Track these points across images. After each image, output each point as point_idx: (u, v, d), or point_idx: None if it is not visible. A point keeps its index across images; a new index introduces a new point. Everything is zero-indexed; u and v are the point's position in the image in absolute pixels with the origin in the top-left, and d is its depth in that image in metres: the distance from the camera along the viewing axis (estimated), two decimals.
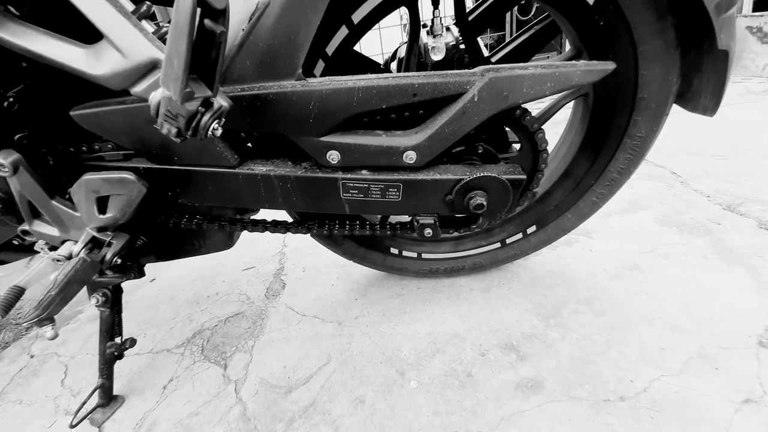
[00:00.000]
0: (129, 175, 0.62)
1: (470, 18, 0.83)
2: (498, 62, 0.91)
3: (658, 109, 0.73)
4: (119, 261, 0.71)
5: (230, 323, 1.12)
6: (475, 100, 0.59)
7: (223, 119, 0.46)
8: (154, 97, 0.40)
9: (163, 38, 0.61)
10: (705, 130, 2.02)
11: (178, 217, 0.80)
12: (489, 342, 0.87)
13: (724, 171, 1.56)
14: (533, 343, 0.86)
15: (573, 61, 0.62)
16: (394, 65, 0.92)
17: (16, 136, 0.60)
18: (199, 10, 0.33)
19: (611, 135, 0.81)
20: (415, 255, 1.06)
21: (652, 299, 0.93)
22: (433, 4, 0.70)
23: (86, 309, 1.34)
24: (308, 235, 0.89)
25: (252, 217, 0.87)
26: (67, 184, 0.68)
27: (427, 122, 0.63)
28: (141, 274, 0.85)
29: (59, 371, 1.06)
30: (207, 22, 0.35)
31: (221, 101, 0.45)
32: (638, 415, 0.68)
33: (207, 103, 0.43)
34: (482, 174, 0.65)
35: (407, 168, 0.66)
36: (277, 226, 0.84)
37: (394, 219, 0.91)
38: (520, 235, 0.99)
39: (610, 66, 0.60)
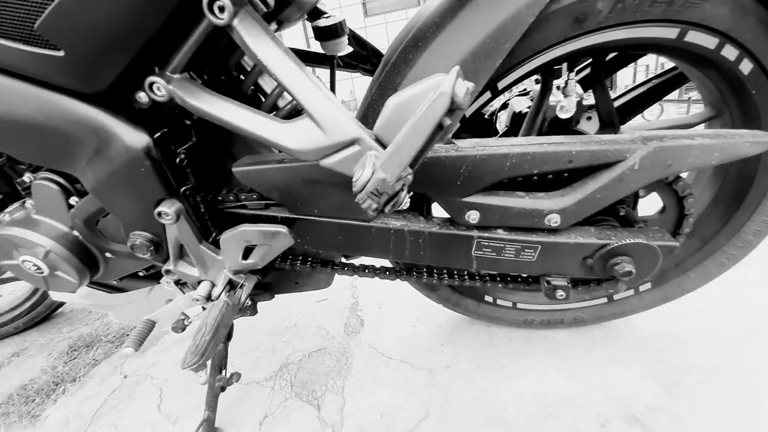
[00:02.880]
0: (283, 229, 0.65)
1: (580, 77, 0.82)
2: (619, 109, 0.89)
3: None
4: (250, 302, 0.74)
5: (314, 359, 1.13)
6: (635, 168, 0.57)
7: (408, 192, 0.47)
8: (363, 175, 0.42)
9: None
10: None
11: (294, 259, 0.83)
12: (607, 411, 0.81)
13: None
14: (658, 415, 0.79)
15: (738, 131, 0.59)
16: (502, 118, 0.93)
17: (182, 188, 0.65)
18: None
19: (750, 196, 0.75)
20: (509, 304, 1.03)
21: None
22: (569, 68, 0.70)
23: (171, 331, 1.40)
24: None
25: (360, 262, 0.88)
26: (212, 229, 0.73)
27: (575, 186, 0.62)
28: (254, 311, 0.88)
29: (154, 395, 1.10)
30: (445, 119, 0.37)
31: (409, 176, 0.47)
32: None
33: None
34: (631, 240, 0.62)
35: (547, 230, 0.65)
36: (387, 273, 0.85)
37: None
38: (631, 292, 0.93)
39: None
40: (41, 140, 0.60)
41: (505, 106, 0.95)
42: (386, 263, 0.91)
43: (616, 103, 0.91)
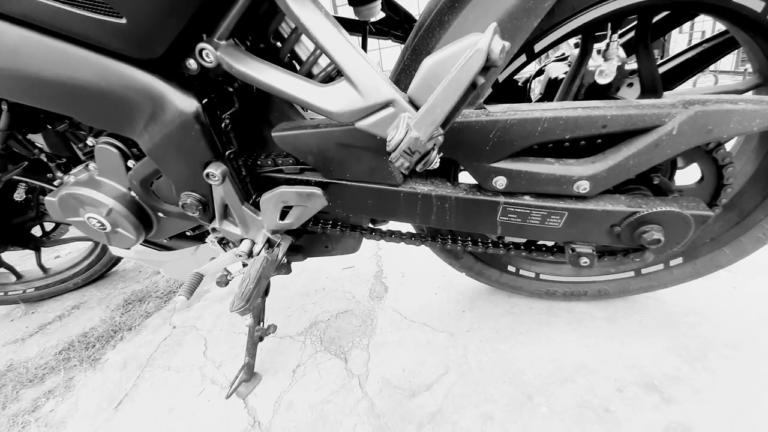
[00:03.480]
0: (317, 191, 0.69)
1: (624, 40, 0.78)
2: (665, 75, 0.85)
3: None
4: (285, 260, 0.80)
5: (341, 319, 1.20)
6: (674, 133, 0.56)
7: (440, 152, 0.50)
8: (398, 134, 0.45)
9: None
10: None
11: (325, 222, 0.88)
12: (625, 378, 0.83)
13: None
14: (678, 386, 0.80)
15: None
16: (536, 85, 0.91)
17: (227, 152, 0.70)
18: None
19: None
20: (533, 275, 1.04)
21: None
22: (612, 29, 0.68)
23: (212, 289, 1.53)
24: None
25: (387, 227, 0.92)
26: (252, 191, 0.78)
27: (608, 152, 0.61)
28: (289, 270, 0.95)
29: (200, 343, 1.23)
30: (479, 77, 0.38)
31: (439, 136, 0.49)
32: None
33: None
34: (662, 208, 0.62)
35: (575, 197, 0.65)
36: (412, 238, 0.88)
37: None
38: (661, 266, 0.92)
39: None
40: (103, 105, 0.66)
41: (540, 72, 0.92)
42: (412, 229, 0.95)
43: (662, 69, 0.87)
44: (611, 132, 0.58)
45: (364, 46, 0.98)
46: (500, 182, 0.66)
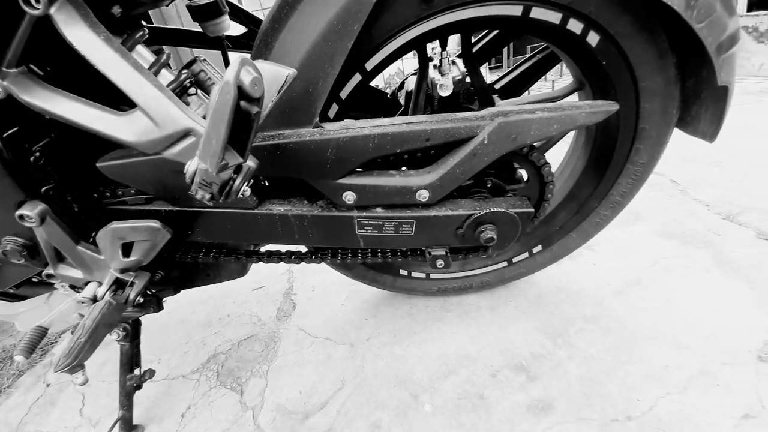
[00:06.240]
0: (155, 224, 0.64)
1: (473, 50, 0.85)
2: (502, 89, 0.94)
3: (659, 139, 0.76)
4: (141, 299, 0.73)
5: (243, 346, 1.14)
6: (485, 143, 0.62)
7: (251, 179, 0.48)
8: (190, 167, 0.42)
9: (183, 87, 0.64)
10: None
11: (196, 251, 0.82)
12: (499, 362, 0.90)
13: (723, 178, 1.60)
14: (542, 363, 0.89)
15: (578, 102, 0.65)
16: (403, 96, 0.95)
17: (43, 188, 0.62)
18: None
19: (614, 161, 0.83)
20: (423, 275, 1.09)
21: (656, 315, 0.97)
22: (441, 46, 0.73)
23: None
24: None
25: (266, 249, 0.89)
26: (92, 228, 0.70)
27: (439, 163, 0.66)
28: (159, 307, 0.87)
29: (77, 400, 1.08)
30: (243, 104, 0.37)
31: (250, 163, 0.47)
32: None
33: (238, 168, 0.45)
34: (492, 209, 0.68)
35: (420, 205, 0.69)
36: (291, 257, 0.87)
37: None
38: (526, 254, 1.02)
39: (613, 107, 0.63)
40: None
41: (402, 86, 0.96)
42: (292, 247, 0.93)
43: (507, 79, 0.96)
44: (435, 144, 0.62)
45: (227, 64, 0.93)
46: (349, 197, 0.67)
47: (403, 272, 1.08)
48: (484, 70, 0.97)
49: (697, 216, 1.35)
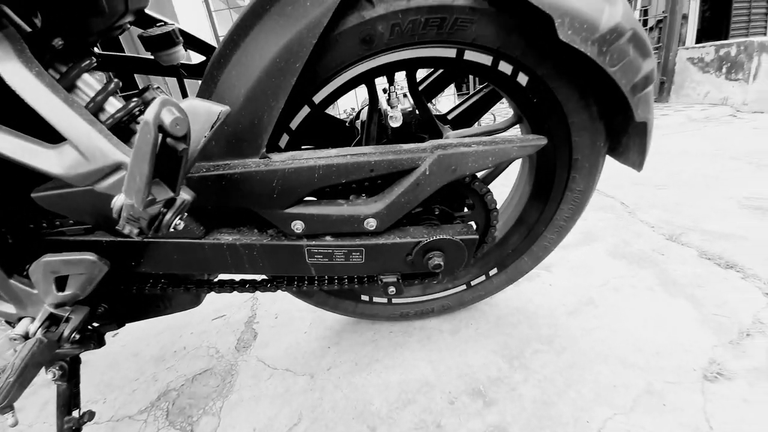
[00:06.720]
0: (90, 256, 0.62)
1: (420, 88, 0.91)
2: (453, 120, 0.99)
3: (591, 169, 0.82)
4: (78, 336, 0.70)
5: (198, 381, 1.09)
6: (427, 173, 0.65)
7: (185, 213, 0.48)
8: (117, 202, 0.42)
9: (132, 116, 0.64)
10: (649, 160, 2.22)
11: (141, 283, 0.79)
12: (458, 388, 0.90)
13: (667, 201, 1.72)
14: (499, 387, 0.90)
15: (510, 136, 0.69)
16: (360, 124, 0.98)
17: None
18: (161, 135, 0.37)
19: (555, 188, 0.89)
20: (385, 301, 1.09)
21: (606, 335, 1.00)
22: (388, 81, 0.77)
23: (41, 372, 1.25)
24: None
25: (220, 278, 0.87)
26: (27, 261, 0.67)
27: (385, 192, 0.68)
28: (101, 343, 0.82)
29: None
30: (169, 141, 0.38)
31: (184, 196, 0.48)
32: None
33: (170, 202, 0.45)
34: (438, 237, 0.70)
35: (369, 233, 0.70)
36: (245, 286, 0.85)
37: None
38: (483, 278, 1.05)
39: (542, 141, 0.68)
40: None
41: (359, 115, 1.00)
42: (247, 276, 0.91)
43: (457, 111, 1.02)
44: (380, 174, 0.65)
45: (184, 92, 0.94)
46: (298, 226, 0.68)
47: (365, 298, 1.08)
48: (452, 97, 1.03)
49: (644, 237, 1.43)
